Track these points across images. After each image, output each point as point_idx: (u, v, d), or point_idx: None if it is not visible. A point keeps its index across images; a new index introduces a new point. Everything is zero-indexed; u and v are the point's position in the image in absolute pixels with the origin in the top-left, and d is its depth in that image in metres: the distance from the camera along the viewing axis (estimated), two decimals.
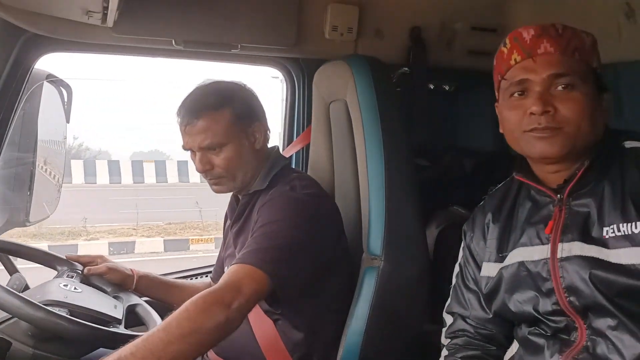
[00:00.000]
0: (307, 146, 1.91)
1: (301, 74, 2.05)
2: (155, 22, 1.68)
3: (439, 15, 2.15)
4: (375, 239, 1.45)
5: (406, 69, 2.14)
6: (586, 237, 1.05)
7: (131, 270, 1.64)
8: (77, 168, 19.48)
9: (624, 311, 0.99)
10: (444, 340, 1.29)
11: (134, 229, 12.09)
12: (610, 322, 1.01)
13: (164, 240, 11.23)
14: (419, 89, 2.15)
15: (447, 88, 2.33)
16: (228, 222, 1.63)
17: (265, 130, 1.52)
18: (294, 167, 1.94)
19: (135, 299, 1.56)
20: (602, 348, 1.01)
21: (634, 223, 1.00)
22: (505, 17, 2.20)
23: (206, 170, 1.45)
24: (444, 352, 1.28)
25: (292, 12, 1.84)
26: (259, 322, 1.44)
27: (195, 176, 18.58)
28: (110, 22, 1.54)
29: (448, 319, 1.30)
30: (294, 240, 1.31)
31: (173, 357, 1.09)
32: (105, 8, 1.42)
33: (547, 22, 1.99)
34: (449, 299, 1.32)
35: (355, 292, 1.46)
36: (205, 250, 10.52)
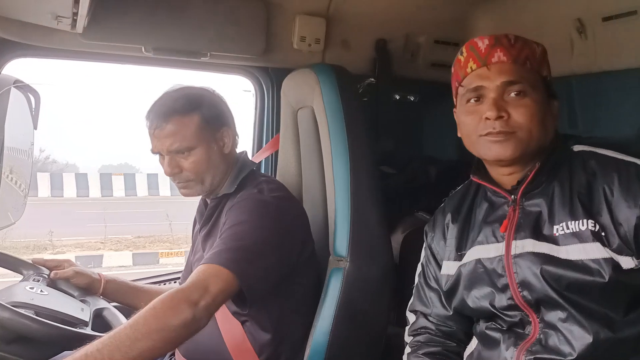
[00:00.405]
0: (277, 152, 1.94)
1: (270, 83, 2.09)
2: (125, 29, 1.70)
3: (403, 29, 2.22)
4: (341, 241, 1.49)
5: (372, 79, 2.21)
6: (538, 235, 1.11)
7: (98, 274, 1.64)
8: (43, 181, 19.04)
9: (572, 304, 1.05)
10: (407, 338, 1.34)
11: (102, 242, 11.87)
12: (560, 314, 1.06)
13: (133, 253, 11.05)
14: (385, 98, 2.22)
15: (412, 99, 2.40)
16: (197, 226, 1.65)
17: (233, 135, 1.55)
18: (263, 172, 1.97)
19: (102, 303, 1.56)
20: (553, 340, 1.07)
21: (580, 221, 1.07)
22: (466, 31, 2.28)
23: (175, 173, 1.47)
24: (407, 350, 1.32)
25: (260, 22, 1.89)
26: (227, 324, 1.45)
27: (165, 189, 18.38)
28: (79, 28, 1.56)
29: (411, 317, 1.35)
30: (261, 241, 1.34)
31: (140, 354, 1.10)
32: (75, 14, 1.43)
33: None
34: (412, 298, 1.36)
35: (322, 292, 1.49)
36: (175, 264, 10.37)
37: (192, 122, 1.46)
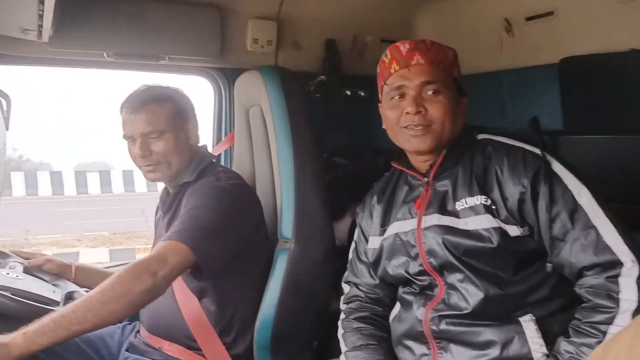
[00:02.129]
0: (233, 147, 2.11)
1: (227, 83, 2.25)
2: (87, 37, 1.84)
3: (351, 29, 2.40)
4: (286, 225, 1.68)
5: (323, 77, 2.38)
6: (443, 210, 1.31)
7: (70, 262, 1.80)
8: (17, 180, 18.82)
9: (468, 267, 1.25)
10: (342, 306, 1.53)
11: (78, 239, 11.88)
12: (459, 276, 1.26)
13: (110, 250, 11.11)
14: (335, 95, 2.39)
15: (362, 94, 2.58)
16: (159, 213, 1.82)
17: (197, 129, 1.73)
18: (233, 170, 2.14)
19: (73, 287, 1.72)
20: (454, 298, 1.27)
21: (476, 197, 1.27)
22: (411, 31, 2.48)
23: (145, 155, 1.63)
24: (342, 316, 1.51)
25: (215, 26, 2.04)
26: (185, 300, 1.62)
27: (141, 185, 18.33)
28: (45, 37, 1.70)
29: (345, 288, 1.54)
30: (217, 222, 1.52)
31: (107, 315, 1.31)
32: (40, 26, 1.57)
33: (446, 35, 2.31)
34: (347, 271, 1.55)
35: (270, 270, 1.68)
36: None
37: (165, 109, 1.64)
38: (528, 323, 1.21)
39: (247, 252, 1.65)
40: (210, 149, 2.14)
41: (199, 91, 2.33)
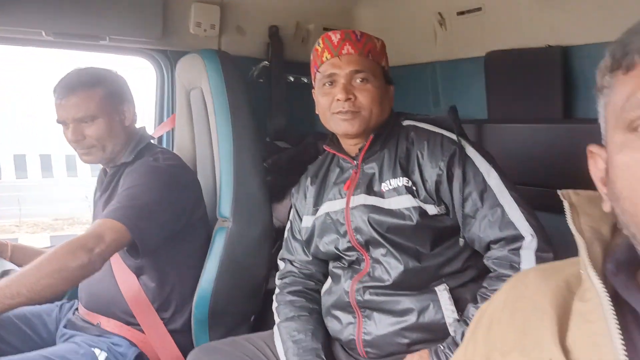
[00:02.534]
0: (174, 129, 2.14)
1: (169, 65, 2.26)
2: (25, 14, 1.82)
3: (294, 16, 2.46)
4: (225, 205, 1.74)
5: (266, 62, 2.43)
6: (369, 191, 1.40)
7: (6, 241, 1.80)
8: None
9: (391, 243, 1.35)
10: (277, 282, 1.61)
11: (17, 225, 11.46)
12: (382, 251, 1.37)
13: (51, 236, 10.79)
14: (277, 80, 2.45)
15: (305, 80, 2.64)
16: (97, 194, 1.84)
17: (133, 111, 1.75)
18: (164, 147, 2.17)
19: (9, 265, 1.72)
20: (377, 271, 1.37)
21: (399, 179, 1.37)
22: (352, 20, 2.56)
23: (78, 140, 1.65)
24: (276, 291, 1.59)
25: (158, 8, 2.05)
26: (124, 277, 1.66)
27: (84, 170, 17.80)
28: None
29: (281, 265, 1.62)
30: (153, 201, 1.56)
31: (42, 289, 1.34)
32: None
33: (385, 26, 2.40)
34: (282, 249, 1.63)
35: (209, 248, 1.74)
36: None
37: (96, 94, 1.65)
38: (442, 292, 1.33)
39: (185, 231, 1.70)
40: (153, 131, 2.18)
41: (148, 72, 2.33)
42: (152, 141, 1.81)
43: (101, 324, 1.68)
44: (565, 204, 0.69)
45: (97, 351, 1.58)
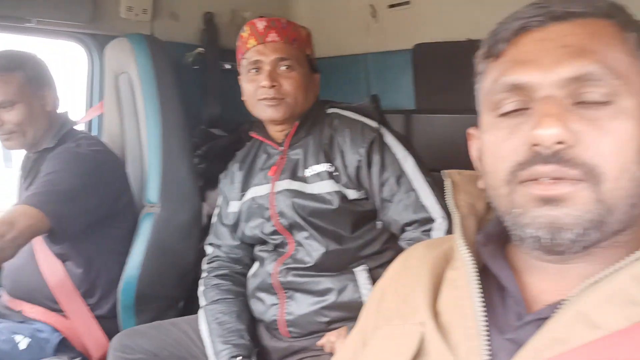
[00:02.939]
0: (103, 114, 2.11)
1: (100, 50, 2.22)
2: None
3: (230, 4, 2.46)
4: (152, 190, 1.74)
5: (201, 49, 2.42)
6: (294, 176, 1.44)
7: None
8: None
9: (313, 226, 1.40)
10: (204, 266, 1.63)
11: None
12: (305, 234, 1.41)
13: None
14: (212, 67, 2.44)
15: None
16: (21, 180, 1.79)
17: (55, 95, 1.71)
18: (93, 134, 2.13)
19: None
20: (300, 254, 1.42)
21: (322, 164, 1.41)
22: (288, 9, 2.59)
23: None
24: (203, 275, 1.61)
25: None
26: (48, 264, 1.64)
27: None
28: None
29: (208, 250, 1.64)
30: (74, 187, 1.55)
31: None
32: None
33: (320, 17, 2.43)
34: (210, 234, 1.65)
35: (135, 233, 1.73)
36: None
37: (15, 79, 1.61)
38: (361, 273, 1.39)
39: (111, 217, 1.69)
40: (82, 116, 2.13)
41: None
42: (77, 127, 1.78)
43: (24, 310, 1.65)
44: (447, 182, 0.75)
45: (18, 337, 1.55)
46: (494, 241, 0.69)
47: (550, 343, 0.55)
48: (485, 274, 0.67)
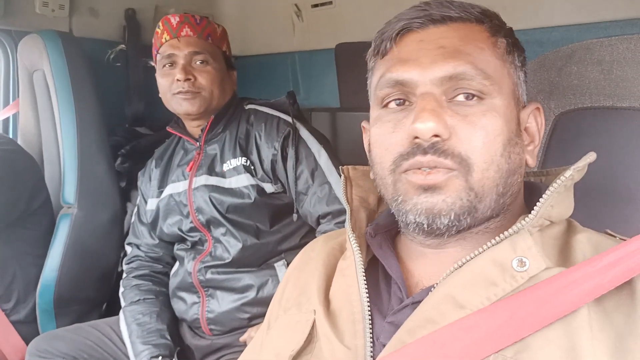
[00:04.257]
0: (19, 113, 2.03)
1: (14, 46, 2.13)
2: None
3: (153, 0, 2.43)
4: (69, 191, 1.70)
5: (123, 46, 2.37)
6: (211, 171, 1.45)
7: None
8: None
9: (231, 222, 1.41)
10: (124, 267, 1.61)
11: None
12: (222, 231, 1.42)
13: None
14: (134, 64, 2.39)
15: None
16: None
17: None
18: (6, 133, 2.05)
19: None
20: (219, 251, 1.43)
21: (238, 159, 1.43)
22: (213, 7, 2.58)
23: None
24: (124, 275, 1.59)
25: None
26: None
27: None
28: None
29: (128, 249, 1.62)
30: None
31: None
32: None
33: (247, 15, 2.43)
34: (129, 234, 1.63)
35: (52, 236, 1.68)
36: None
37: None
38: (281, 267, 1.42)
39: (25, 219, 1.64)
40: None
41: None
42: None
43: None
44: (342, 177, 0.79)
45: None
46: (383, 232, 0.74)
47: (423, 323, 0.60)
48: (375, 264, 0.72)
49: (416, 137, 0.62)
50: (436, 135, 0.61)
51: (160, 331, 1.44)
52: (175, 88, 1.43)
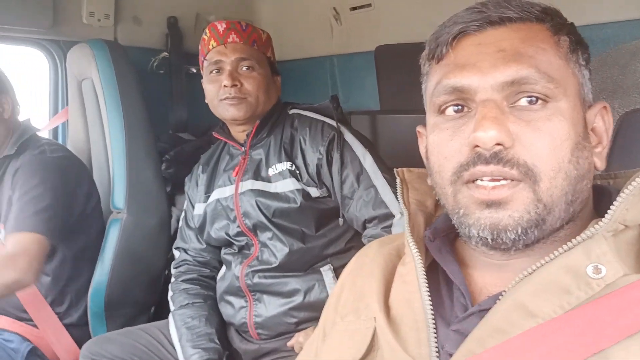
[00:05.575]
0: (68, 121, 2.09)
1: (62, 56, 2.20)
2: None
3: (194, 8, 2.46)
4: (118, 196, 1.74)
5: (166, 53, 2.42)
6: (257, 176, 1.46)
7: None
8: None
9: (277, 226, 1.42)
10: (172, 271, 1.63)
11: None
12: (269, 235, 1.43)
13: None
14: (177, 71, 2.44)
15: None
16: None
17: (13, 102, 1.69)
18: (58, 141, 2.11)
19: None
20: (265, 255, 1.44)
21: (284, 163, 1.44)
22: (251, 13, 2.61)
23: None
24: (172, 279, 1.62)
25: None
26: None
27: None
28: None
29: (176, 254, 1.65)
30: (54, 199, 1.56)
31: None
32: None
33: (284, 20, 2.45)
34: (177, 238, 1.66)
35: (103, 240, 1.73)
36: None
37: None
38: (327, 272, 1.41)
39: (79, 223, 1.69)
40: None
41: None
42: (43, 134, 1.77)
43: None
44: (398, 180, 0.78)
45: None
46: (442, 236, 0.72)
47: (492, 332, 0.58)
48: (434, 268, 0.70)
49: (476, 146, 0.60)
50: (499, 144, 0.59)
51: (209, 335, 1.45)
52: (223, 94, 1.44)
